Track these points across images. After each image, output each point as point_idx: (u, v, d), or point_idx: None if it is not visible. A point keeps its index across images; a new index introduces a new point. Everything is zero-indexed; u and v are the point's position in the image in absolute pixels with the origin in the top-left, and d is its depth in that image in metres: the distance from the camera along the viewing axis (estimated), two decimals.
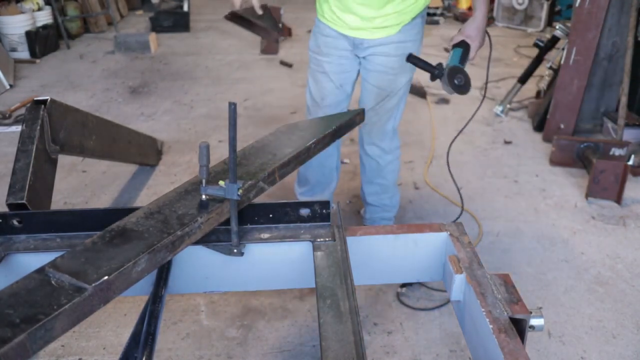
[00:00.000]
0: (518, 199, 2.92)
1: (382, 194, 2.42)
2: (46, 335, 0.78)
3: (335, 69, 2.15)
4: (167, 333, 2.02)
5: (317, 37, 2.14)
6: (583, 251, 2.49)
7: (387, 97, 2.14)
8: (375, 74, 2.11)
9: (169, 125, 3.85)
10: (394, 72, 2.08)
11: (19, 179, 1.52)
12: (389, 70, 2.08)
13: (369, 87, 2.15)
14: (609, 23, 3.32)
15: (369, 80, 2.14)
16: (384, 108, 2.17)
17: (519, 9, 6.35)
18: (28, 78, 4.91)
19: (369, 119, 2.19)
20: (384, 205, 2.45)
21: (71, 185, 3.06)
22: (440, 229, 1.21)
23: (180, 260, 1.16)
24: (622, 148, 3.05)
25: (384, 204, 2.45)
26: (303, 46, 5.78)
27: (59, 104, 1.89)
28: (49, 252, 1.11)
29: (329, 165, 2.38)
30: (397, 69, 2.07)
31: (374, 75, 2.11)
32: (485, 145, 3.54)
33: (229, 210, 1.09)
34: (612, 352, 1.95)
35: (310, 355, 1.93)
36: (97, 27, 6.49)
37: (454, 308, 1.17)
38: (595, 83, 3.52)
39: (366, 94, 2.18)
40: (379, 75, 2.10)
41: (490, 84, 4.55)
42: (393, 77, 2.09)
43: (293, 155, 1.29)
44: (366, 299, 2.19)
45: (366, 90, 2.17)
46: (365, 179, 2.43)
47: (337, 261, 1.09)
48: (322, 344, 0.86)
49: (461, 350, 1.95)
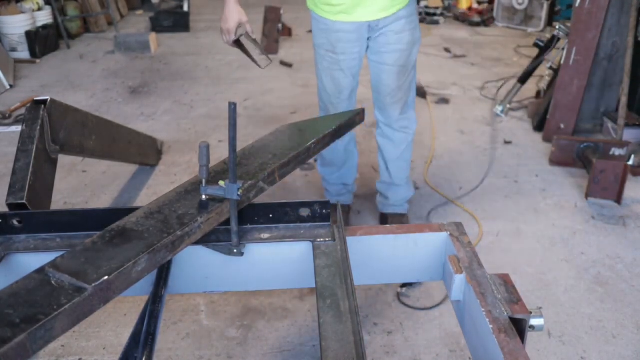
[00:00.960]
0: (518, 199, 2.92)
1: (407, 168, 2.53)
2: (46, 335, 0.78)
3: (350, 64, 2.19)
4: (167, 333, 2.02)
5: (328, 35, 2.14)
6: (583, 251, 2.49)
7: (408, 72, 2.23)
8: (392, 54, 2.15)
9: (169, 125, 3.85)
10: (409, 47, 2.16)
11: (19, 179, 1.52)
12: (405, 46, 2.14)
13: (387, 68, 2.19)
14: (609, 23, 3.32)
15: (386, 62, 2.18)
16: (406, 83, 2.25)
17: (519, 9, 6.35)
18: (28, 78, 4.91)
19: (395, 97, 2.27)
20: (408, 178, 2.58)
21: (71, 185, 3.06)
22: (440, 229, 1.21)
23: (180, 260, 1.16)
24: (622, 148, 3.05)
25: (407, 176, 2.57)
26: (303, 46, 5.78)
27: (59, 104, 1.89)
28: (49, 252, 1.11)
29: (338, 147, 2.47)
30: (410, 43, 2.15)
31: (392, 55, 2.16)
32: (485, 145, 3.54)
33: (229, 210, 1.09)
34: (612, 352, 1.95)
35: (310, 355, 1.93)
36: (97, 27, 6.49)
37: (454, 308, 1.17)
38: (595, 83, 3.52)
39: (386, 76, 2.21)
40: (396, 54, 2.15)
41: (490, 84, 4.55)
42: (409, 52, 2.17)
43: (293, 155, 1.30)
44: (366, 299, 2.19)
45: (385, 72, 2.21)
46: (392, 156, 2.47)
47: (337, 261, 1.09)
48: (322, 344, 0.86)
49: (461, 350, 1.95)
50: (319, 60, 2.24)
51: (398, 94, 2.26)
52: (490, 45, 5.81)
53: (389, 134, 2.40)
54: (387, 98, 2.28)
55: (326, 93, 2.29)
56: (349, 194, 2.66)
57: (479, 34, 6.28)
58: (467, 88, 4.48)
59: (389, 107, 2.31)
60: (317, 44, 2.22)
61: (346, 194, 2.64)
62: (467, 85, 4.55)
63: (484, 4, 6.94)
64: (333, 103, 2.30)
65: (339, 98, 2.27)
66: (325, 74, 2.24)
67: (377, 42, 2.14)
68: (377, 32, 2.12)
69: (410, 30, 2.13)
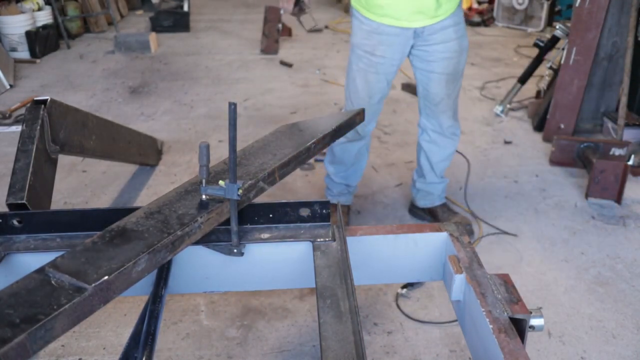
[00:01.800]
0: (518, 199, 2.92)
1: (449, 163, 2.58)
2: (46, 335, 0.78)
3: (388, 69, 2.19)
4: (167, 333, 2.02)
5: (370, 37, 2.12)
6: (583, 251, 2.49)
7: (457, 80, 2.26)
8: (440, 62, 2.17)
9: (169, 125, 3.85)
10: (457, 55, 2.17)
11: (19, 179, 1.52)
12: (453, 54, 2.16)
13: (435, 76, 2.21)
14: (609, 23, 3.32)
15: (435, 70, 2.19)
16: (455, 90, 2.28)
17: (519, 9, 6.35)
18: (28, 78, 4.91)
19: (446, 105, 2.30)
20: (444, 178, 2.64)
21: (71, 185, 3.06)
22: (440, 229, 1.21)
23: (180, 260, 1.16)
24: (622, 148, 3.05)
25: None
26: (303, 46, 5.79)
27: (59, 104, 1.88)
28: (49, 252, 1.11)
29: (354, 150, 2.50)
30: (458, 51, 2.17)
31: (440, 64, 2.17)
32: (485, 145, 3.54)
33: (229, 210, 1.09)
34: (612, 352, 1.95)
35: (310, 355, 1.93)
36: (97, 27, 6.49)
37: (454, 308, 1.17)
38: (595, 83, 3.52)
39: (435, 84, 2.23)
40: (444, 62, 2.17)
41: (490, 84, 4.55)
42: (457, 60, 2.19)
43: (293, 155, 1.29)
44: (366, 299, 2.19)
45: (434, 81, 2.22)
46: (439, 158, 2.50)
47: (337, 261, 1.09)
48: (322, 344, 0.86)
49: (461, 350, 1.95)
50: (355, 60, 2.21)
51: (448, 101, 2.29)
52: (490, 45, 5.81)
53: (438, 140, 2.43)
54: (438, 106, 2.30)
55: (356, 95, 2.26)
56: (349, 194, 2.66)
57: (479, 34, 6.28)
58: (467, 88, 4.48)
59: (440, 115, 2.33)
60: (355, 43, 2.19)
61: (347, 194, 2.64)
62: (467, 85, 4.55)
63: (484, 4, 6.94)
64: (362, 106, 2.25)
65: (369, 102, 2.25)
66: (359, 76, 2.21)
67: (424, 51, 2.15)
68: (423, 40, 2.12)
69: (457, 39, 2.15)
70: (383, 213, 2.80)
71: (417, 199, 2.69)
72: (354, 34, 2.20)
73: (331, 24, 6.69)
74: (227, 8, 7.89)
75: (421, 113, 2.42)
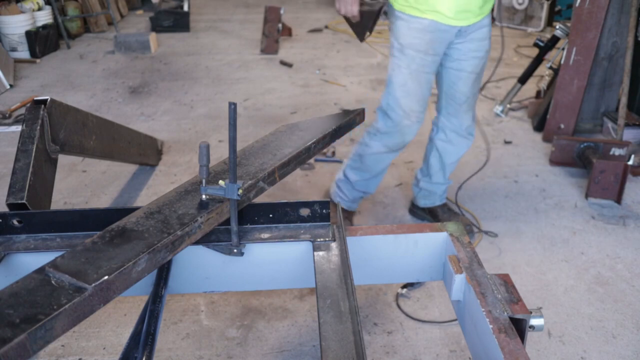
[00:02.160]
0: (518, 199, 2.92)
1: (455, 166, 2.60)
2: (46, 335, 0.78)
3: (435, 68, 2.19)
4: (167, 333, 2.02)
5: (422, 34, 2.06)
6: (583, 251, 2.49)
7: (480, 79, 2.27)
8: (472, 61, 2.17)
9: (169, 125, 3.85)
10: (486, 55, 2.20)
11: (19, 179, 1.52)
12: (484, 53, 2.18)
13: (465, 75, 2.20)
14: (609, 23, 3.32)
15: (465, 69, 2.19)
16: (477, 90, 2.30)
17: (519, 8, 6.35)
18: (28, 78, 4.91)
19: (469, 104, 2.31)
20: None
21: (71, 185, 3.06)
22: (440, 229, 1.21)
23: (180, 260, 1.16)
24: (622, 148, 3.05)
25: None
26: (303, 46, 5.78)
27: (59, 104, 1.89)
28: (49, 252, 1.11)
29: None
30: (487, 51, 2.19)
31: (471, 62, 2.17)
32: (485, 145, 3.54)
33: (229, 210, 1.09)
34: (612, 352, 1.95)
35: (310, 355, 1.93)
36: (97, 27, 6.49)
37: (454, 308, 1.17)
38: (595, 83, 3.52)
39: (463, 83, 2.23)
40: (475, 61, 2.17)
41: (490, 84, 4.55)
42: (485, 59, 2.21)
43: (293, 155, 1.30)
44: (366, 299, 2.19)
45: (462, 79, 2.22)
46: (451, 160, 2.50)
47: (337, 261, 1.09)
48: (322, 344, 0.86)
49: (461, 350, 1.95)
50: (407, 62, 2.12)
51: (471, 101, 2.30)
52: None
53: (455, 139, 2.42)
54: (462, 106, 2.29)
55: (408, 99, 2.18)
56: (359, 201, 2.65)
57: None
58: None
59: (462, 115, 2.33)
60: (406, 44, 2.09)
61: (358, 201, 2.63)
62: None
63: None
64: (415, 110, 2.20)
65: (421, 105, 2.21)
66: (413, 78, 2.14)
67: (457, 49, 2.14)
68: (462, 39, 2.11)
69: (489, 39, 2.17)
70: (383, 213, 2.80)
71: (419, 198, 2.68)
72: (402, 35, 2.09)
73: (331, 24, 6.69)
74: (227, 8, 7.89)
75: (441, 112, 2.39)
